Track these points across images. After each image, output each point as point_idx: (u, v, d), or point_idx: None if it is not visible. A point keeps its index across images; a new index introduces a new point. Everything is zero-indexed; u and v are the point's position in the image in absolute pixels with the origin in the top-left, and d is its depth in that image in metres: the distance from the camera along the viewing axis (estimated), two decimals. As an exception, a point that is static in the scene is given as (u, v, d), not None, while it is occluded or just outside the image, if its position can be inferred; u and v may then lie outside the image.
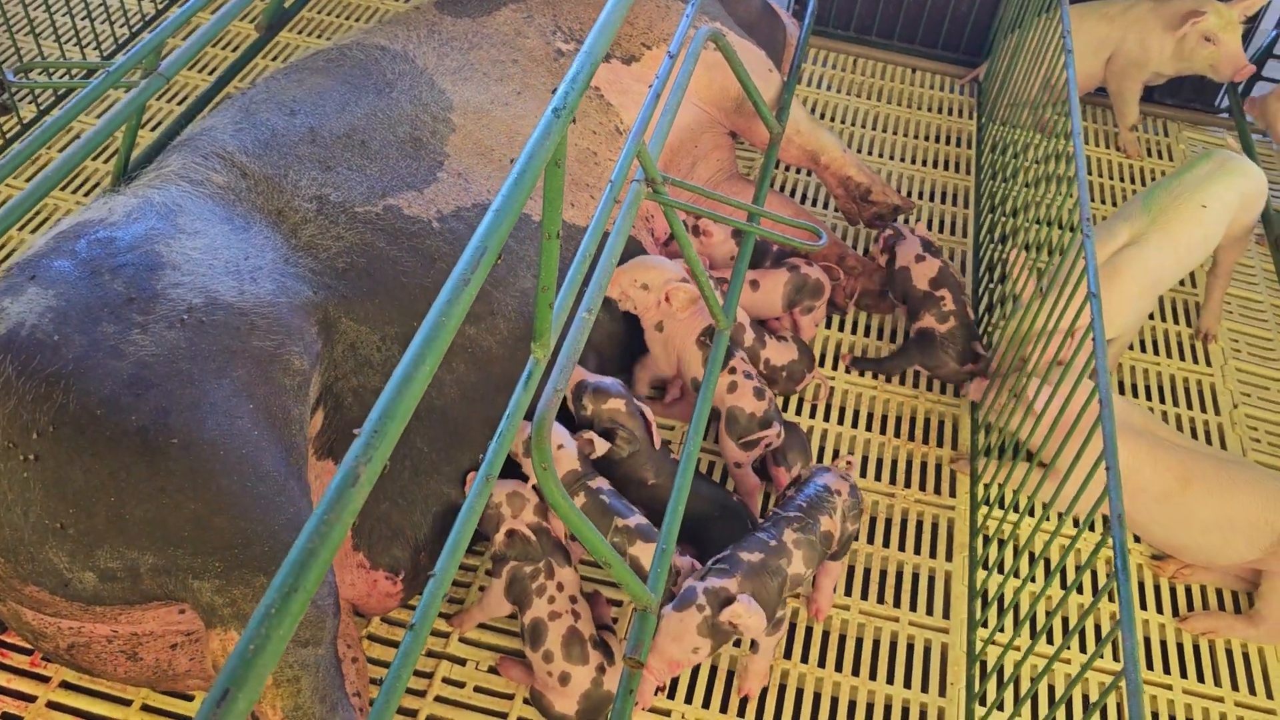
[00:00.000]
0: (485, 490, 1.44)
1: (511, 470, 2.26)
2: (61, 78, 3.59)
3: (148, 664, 1.98)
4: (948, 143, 3.70)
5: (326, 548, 0.85)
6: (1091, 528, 2.57)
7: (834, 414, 2.77)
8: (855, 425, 2.75)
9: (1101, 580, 2.49)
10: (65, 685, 2.11)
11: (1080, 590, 2.44)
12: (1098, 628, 2.39)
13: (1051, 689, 2.27)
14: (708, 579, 1.94)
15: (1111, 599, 2.42)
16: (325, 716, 1.82)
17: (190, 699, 2.11)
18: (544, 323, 1.57)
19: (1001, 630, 2.32)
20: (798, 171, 3.52)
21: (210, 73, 3.65)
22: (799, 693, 2.21)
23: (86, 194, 3.20)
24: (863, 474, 2.64)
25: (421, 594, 1.33)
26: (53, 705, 2.09)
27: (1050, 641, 2.32)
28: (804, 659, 2.27)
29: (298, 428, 1.99)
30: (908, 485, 2.62)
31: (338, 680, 1.86)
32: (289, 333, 2.04)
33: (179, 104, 3.50)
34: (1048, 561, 2.49)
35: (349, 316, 2.16)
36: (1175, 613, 2.43)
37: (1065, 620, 2.38)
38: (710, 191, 2.21)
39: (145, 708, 2.10)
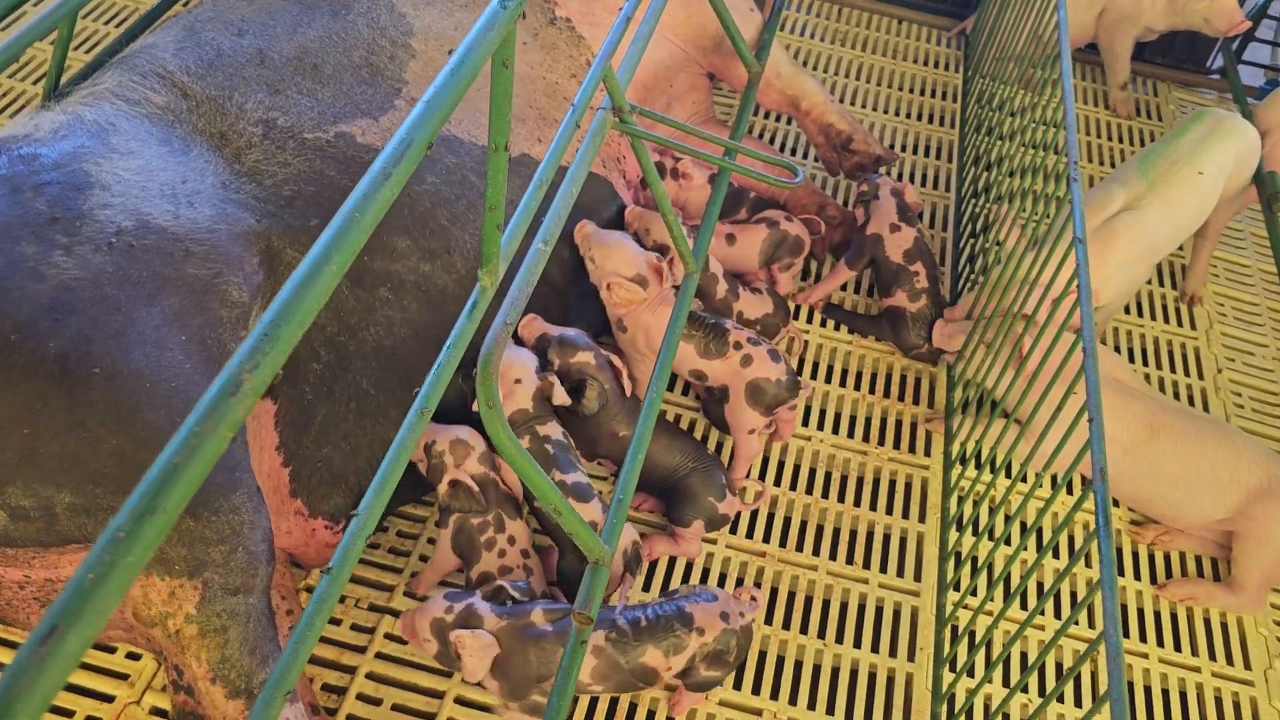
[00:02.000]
0: (419, 425, 1.32)
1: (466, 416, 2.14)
2: None
3: (66, 611, 1.85)
4: (932, 96, 3.57)
5: (194, 465, 0.73)
6: (1070, 490, 2.47)
7: (807, 368, 2.66)
8: (829, 380, 2.64)
9: (1079, 544, 2.39)
10: (-18, 632, 1.99)
11: (1057, 554, 2.35)
12: (1074, 594, 2.30)
13: (1025, 656, 2.18)
14: (490, 602, 1.81)
15: (1089, 563, 2.33)
16: (254, 670, 1.71)
17: (113, 650, 1.99)
18: (491, 246, 1.44)
19: (974, 594, 2.22)
20: (777, 119, 3.39)
21: None
22: (761, 655, 2.11)
23: (14, 116, 3.03)
24: (834, 430, 2.53)
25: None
26: (-32, 653, 1.96)
27: (1024, 606, 2.23)
28: (768, 620, 2.17)
29: (234, 363, 1.86)
30: (881, 443, 2.52)
31: (270, 632, 1.75)
32: (227, 261, 1.91)
33: (117, 26, 3.32)
34: (1024, 523, 2.40)
35: (294, 247, 2.03)
36: (1154, 580, 2.34)
37: (1040, 584, 2.29)
38: (683, 124, 2.07)
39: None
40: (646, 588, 2.17)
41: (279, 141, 2.12)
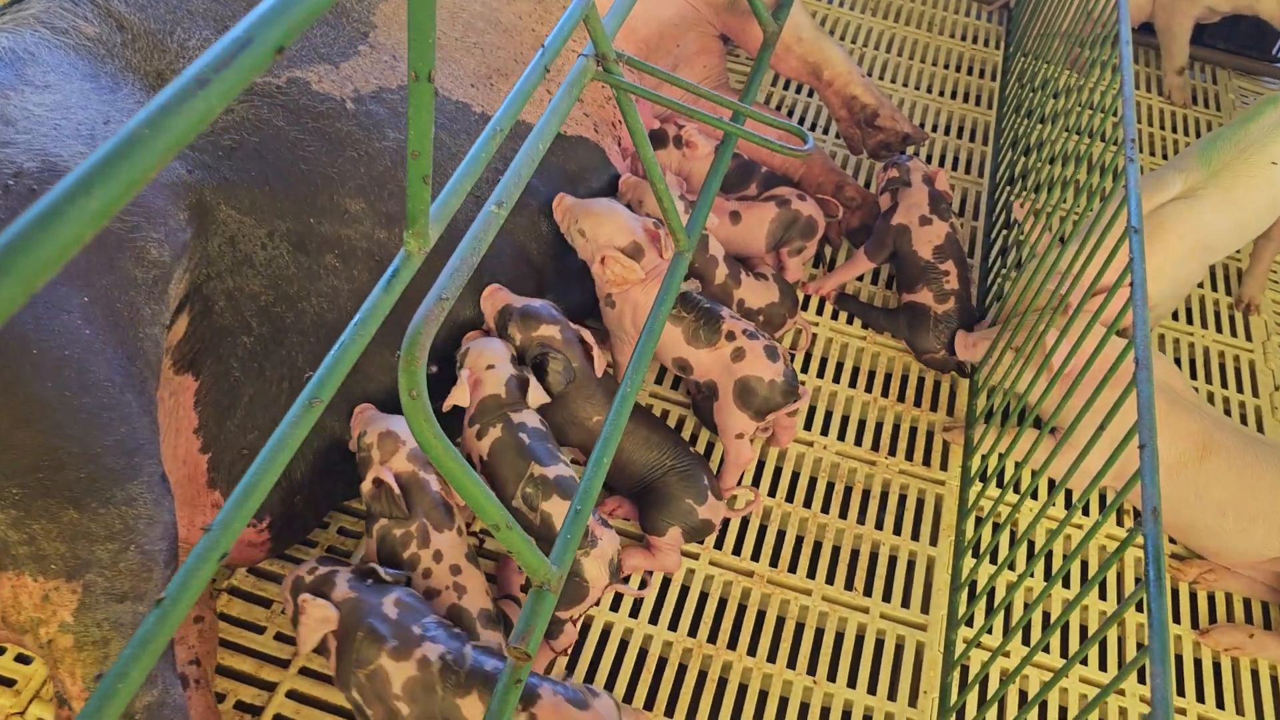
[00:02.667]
0: (305, 417, 1.06)
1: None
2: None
3: (-63, 608, 1.61)
4: (969, 73, 3.27)
5: None
6: (1119, 519, 2.19)
7: (814, 365, 2.39)
8: (837, 380, 2.37)
9: (1115, 582, 2.11)
10: None
11: (1103, 597, 2.06)
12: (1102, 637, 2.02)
13: (1044, 706, 1.91)
14: (351, 577, 1.62)
15: (1106, 595, 2.05)
16: (139, 690, 1.46)
17: (1, 651, 1.75)
18: (417, 203, 1.18)
19: (989, 632, 1.95)
20: (798, 90, 3.10)
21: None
22: (741, 689, 1.85)
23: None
24: (840, 436, 2.26)
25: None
26: None
27: (1046, 651, 1.95)
28: (750, 651, 1.90)
29: (148, 330, 1.62)
30: (892, 453, 2.24)
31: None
32: (148, 215, 1.66)
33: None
34: (1050, 555, 2.12)
35: (231, 204, 1.78)
36: (1195, 624, 2.06)
37: (1064, 627, 2.01)
38: (678, 78, 1.80)
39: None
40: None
41: None
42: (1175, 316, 2.65)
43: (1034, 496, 2.19)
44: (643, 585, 1.94)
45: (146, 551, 1.49)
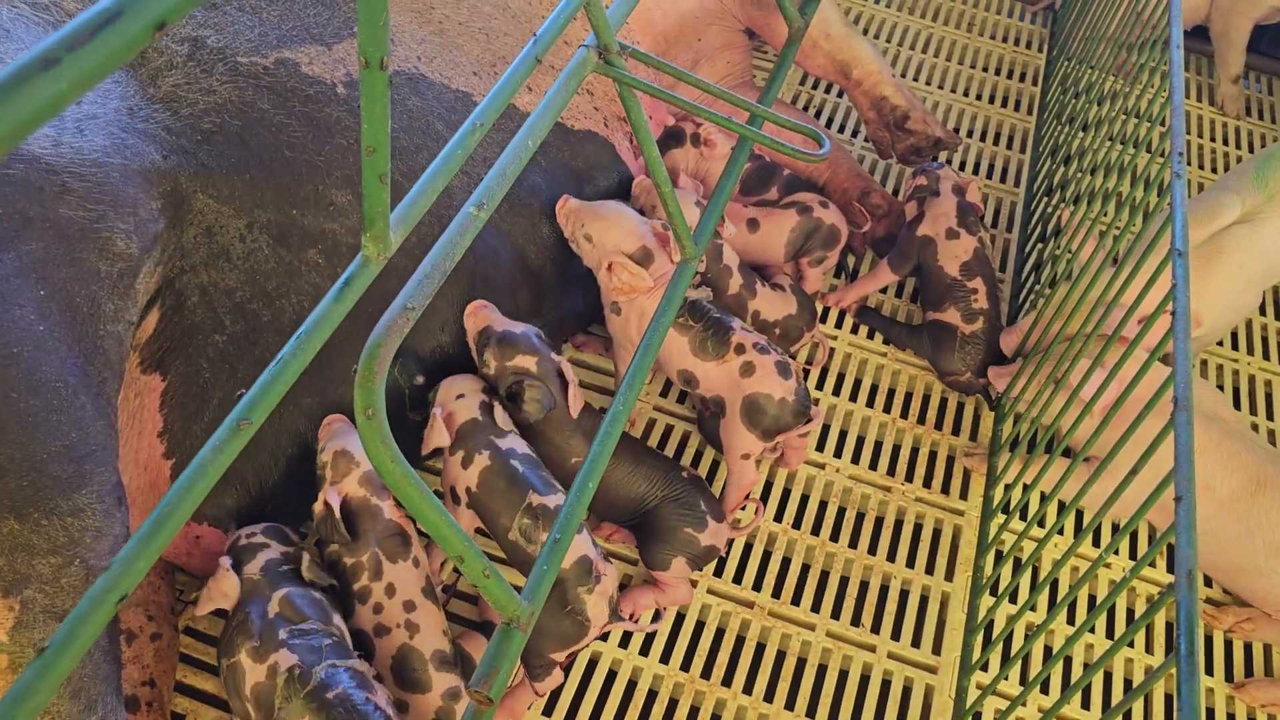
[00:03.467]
0: (232, 441, 0.95)
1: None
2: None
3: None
4: (1009, 76, 3.11)
5: None
6: (1154, 561, 2.04)
7: (830, 381, 2.25)
8: (854, 398, 2.23)
9: (1145, 630, 1.96)
10: None
11: (1133, 644, 1.91)
12: (1130, 684, 1.88)
13: (1060, 760, 1.77)
14: (274, 559, 1.56)
15: (1136, 644, 1.91)
16: (75, 717, 1.36)
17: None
18: (375, 204, 1.06)
19: (1004, 679, 1.81)
20: (827, 90, 2.96)
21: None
22: (734, 731, 1.73)
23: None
24: (854, 459, 2.12)
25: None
26: None
27: (1088, 707, 1.81)
28: (748, 688, 1.78)
29: (110, 327, 1.52)
30: (909, 479, 2.10)
31: (106, 670, 1.40)
32: (116, 204, 1.56)
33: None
34: (1075, 599, 1.97)
35: (208, 193, 1.68)
36: (1229, 677, 1.91)
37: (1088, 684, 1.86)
38: (689, 74, 1.67)
39: None
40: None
41: (206, 64, 1.76)
42: (1220, 343, 2.48)
43: (1060, 533, 2.04)
44: (656, 618, 1.81)
45: (92, 567, 1.39)
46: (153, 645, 1.58)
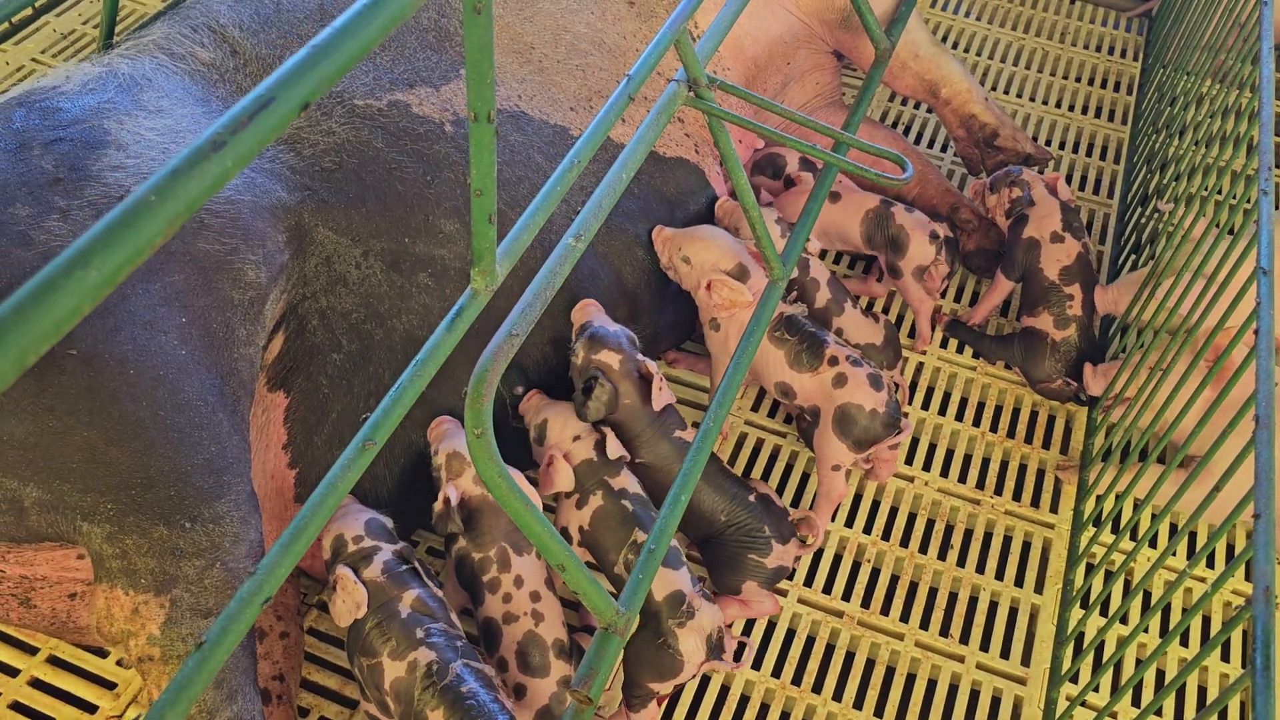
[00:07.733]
0: (358, 460, 1.06)
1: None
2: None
3: (43, 612, 1.69)
4: (1104, 86, 3.10)
5: None
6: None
7: (919, 395, 2.29)
8: (943, 412, 2.27)
9: (1239, 641, 1.96)
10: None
11: (1225, 658, 1.91)
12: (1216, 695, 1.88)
13: (1152, 772, 1.78)
14: (390, 559, 1.65)
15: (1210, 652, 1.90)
16: (218, 706, 1.50)
17: (105, 655, 1.82)
18: (482, 241, 1.16)
19: (1094, 690, 1.83)
20: (915, 106, 2.99)
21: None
22: (825, 736, 1.79)
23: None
24: (943, 472, 2.16)
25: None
26: (-40, 641, 1.83)
27: (1158, 715, 1.82)
28: (837, 695, 1.83)
29: (242, 350, 1.66)
30: (998, 492, 2.13)
31: (244, 663, 1.54)
32: (247, 237, 1.71)
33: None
34: (1167, 608, 1.98)
35: (328, 225, 1.81)
36: (1331, 693, 1.89)
37: (1181, 691, 1.87)
38: (775, 104, 1.75)
39: (53, 660, 1.82)
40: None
41: (325, 107, 1.91)
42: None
43: (1152, 544, 2.05)
44: (740, 652, 1.85)
45: (232, 569, 1.53)
46: (281, 643, 1.72)
